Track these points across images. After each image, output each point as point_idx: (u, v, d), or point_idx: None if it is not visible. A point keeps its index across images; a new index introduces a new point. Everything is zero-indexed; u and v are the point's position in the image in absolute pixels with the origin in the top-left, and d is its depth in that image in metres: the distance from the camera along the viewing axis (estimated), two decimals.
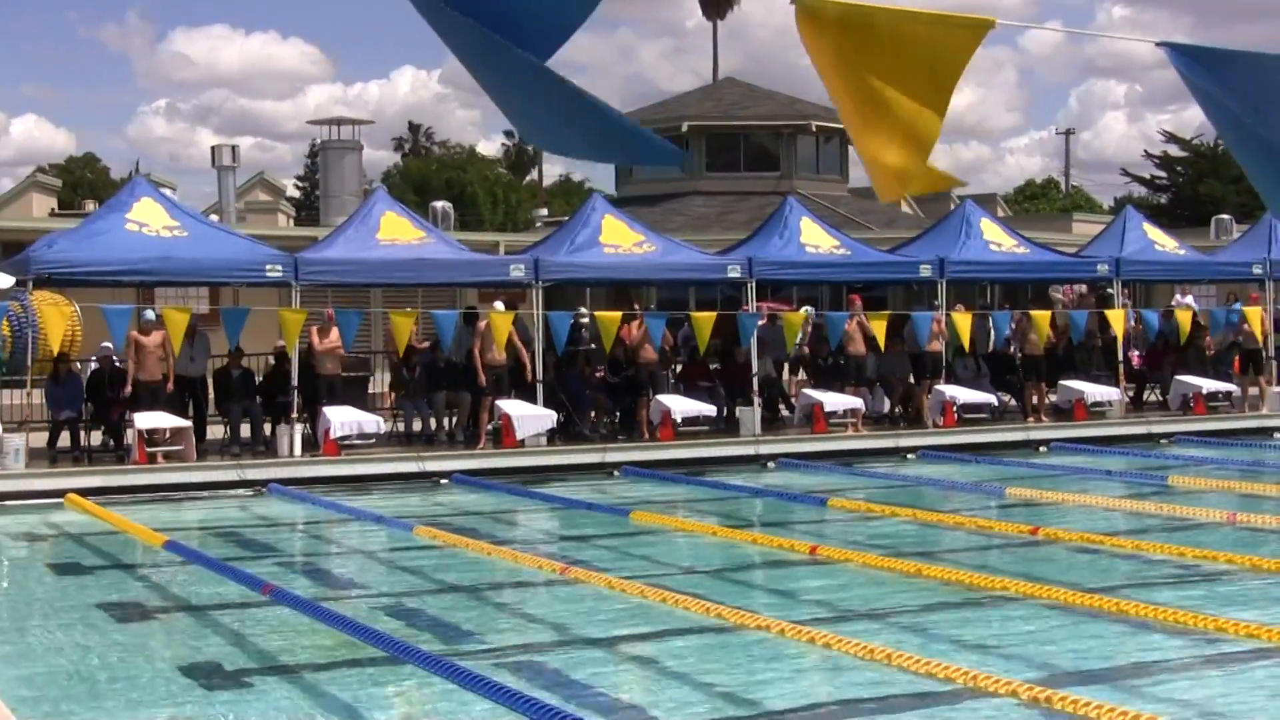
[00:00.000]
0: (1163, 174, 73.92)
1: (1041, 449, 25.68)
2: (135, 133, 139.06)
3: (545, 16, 4.03)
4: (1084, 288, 34.72)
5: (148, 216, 22.89)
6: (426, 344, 24.86)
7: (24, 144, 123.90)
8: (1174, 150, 73.55)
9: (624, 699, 10.02)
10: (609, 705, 9.82)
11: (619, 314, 25.38)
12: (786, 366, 28.87)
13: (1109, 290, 30.17)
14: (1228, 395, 28.97)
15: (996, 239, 28.72)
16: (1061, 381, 27.87)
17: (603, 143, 4.53)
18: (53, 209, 54.22)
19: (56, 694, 10.17)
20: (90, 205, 52.94)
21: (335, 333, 23.60)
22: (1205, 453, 24.81)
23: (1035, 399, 27.47)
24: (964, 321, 26.79)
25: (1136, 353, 30.65)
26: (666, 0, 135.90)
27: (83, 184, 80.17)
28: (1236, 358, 29.93)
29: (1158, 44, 5.29)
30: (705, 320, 25.69)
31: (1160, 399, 29.85)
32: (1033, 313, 28.10)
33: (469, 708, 9.35)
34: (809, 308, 30.00)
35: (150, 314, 22.94)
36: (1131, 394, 29.74)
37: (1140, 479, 21.72)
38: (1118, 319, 28.13)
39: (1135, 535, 16.33)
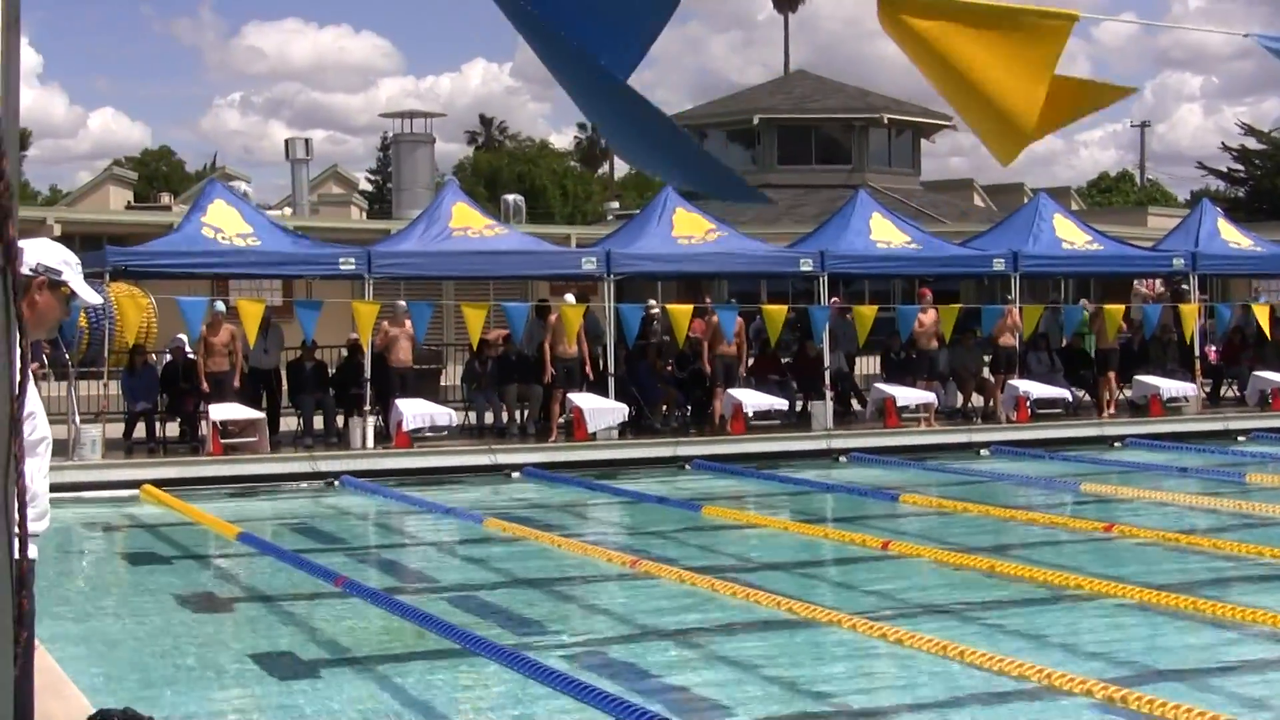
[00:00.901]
0: (1240, 167, 73.08)
1: (1116, 445, 25.47)
2: (209, 126, 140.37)
3: (628, 22, 4.01)
4: (1160, 282, 34.41)
5: (222, 222, 23.03)
6: (502, 340, 24.88)
7: (100, 137, 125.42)
8: (1251, 143, 72.70)
9: (694, 693, 10.00)
10: (679, 699, 9.80)
11: (690, 306, 25.36)
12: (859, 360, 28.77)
13: (1184, 285, 29.87)
14: None
15: (1069, 235, 28.46)
16: (1137, 377, 27.63)
17: (678, 165, 4.50)
18: (129, 201, 54.70)
19: (132, 682, 10.24)
20: (165, 198, 53.47)
21: (409, 323, 23.68)
22: None
23: (1107, 393, 27.25)
24: (1032, 313, 26.61)
25: (1213, 348, 30.36)
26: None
27: (158, 177, 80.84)
28: None
29: (1246, 35, 5.22)
30: (777, 313, 25.60)
31: (1238, 394, 29.52)
32: (1106, 306, 27.85)
33: (539, 701, 9.36)
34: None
35: (220, 305, 23.11)
36: (1208, 390, 29.44)
37: (1217, 475, 21.49)
38: (1190, 313, 27.87)
39: (1211, 533, 16.14)
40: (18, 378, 2.77)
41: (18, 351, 2.77)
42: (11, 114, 2.75)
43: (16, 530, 2.77)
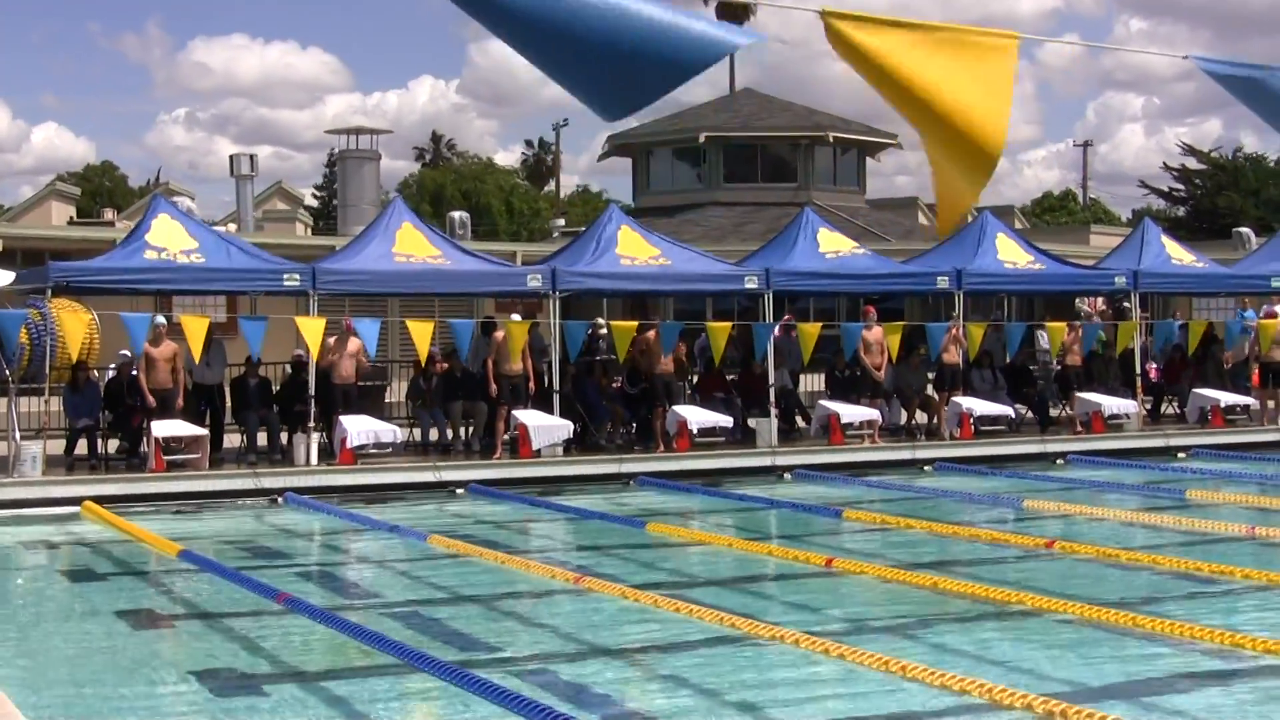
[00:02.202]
0: (1181, 186, 73.80)
1: (1059, 461, 25.64)
2: (154, 141, 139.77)
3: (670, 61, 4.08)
4: (1102, 300, 34.66)
5: (165, 239, 22.83)
6: (444, 365, 24.85)
7: (44, 152, 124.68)
8: (1192, 163, 73.44)
9: (637, 708, 10.01)
10: (622, 714, 9.81)
11: (634, 323, 25.39)
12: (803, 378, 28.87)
13: (1126, 304, 30.11)
14: (1245, 408, 28.89)
15: (1012, 254, 28.65)
16: (1079, 394, 27.83)
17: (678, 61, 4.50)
18: (71, 217, 54.39)
19: (70, 699, 10.17)
20: (109, 213, 53.19)
21: (354, 342, 23.62)
22: (1223, 466, 24.72)
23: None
24: (977, 331, 26.78)
25: (1154, 365, 30.62)
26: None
27: (101, 192, 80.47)
28: (1255, 370, 29.81)
29: (1185, 57, 5.32)
30: (721, 330, 25.69)
31: (1179, 411, 29.78)
32: (1048, 324, 28.09)
33: (485, 717, 9.34)
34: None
35: (161, 319, 22.99)
36: (1149, 407, 29.69)
37: (1158, 492, 21.66)
38: (1127, 331, 28.16)
39: (1153, 549, 16.25)
40: None
41: None
42: None
43: None
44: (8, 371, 22.50)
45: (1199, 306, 39.08)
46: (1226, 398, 28.51)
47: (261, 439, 23.78)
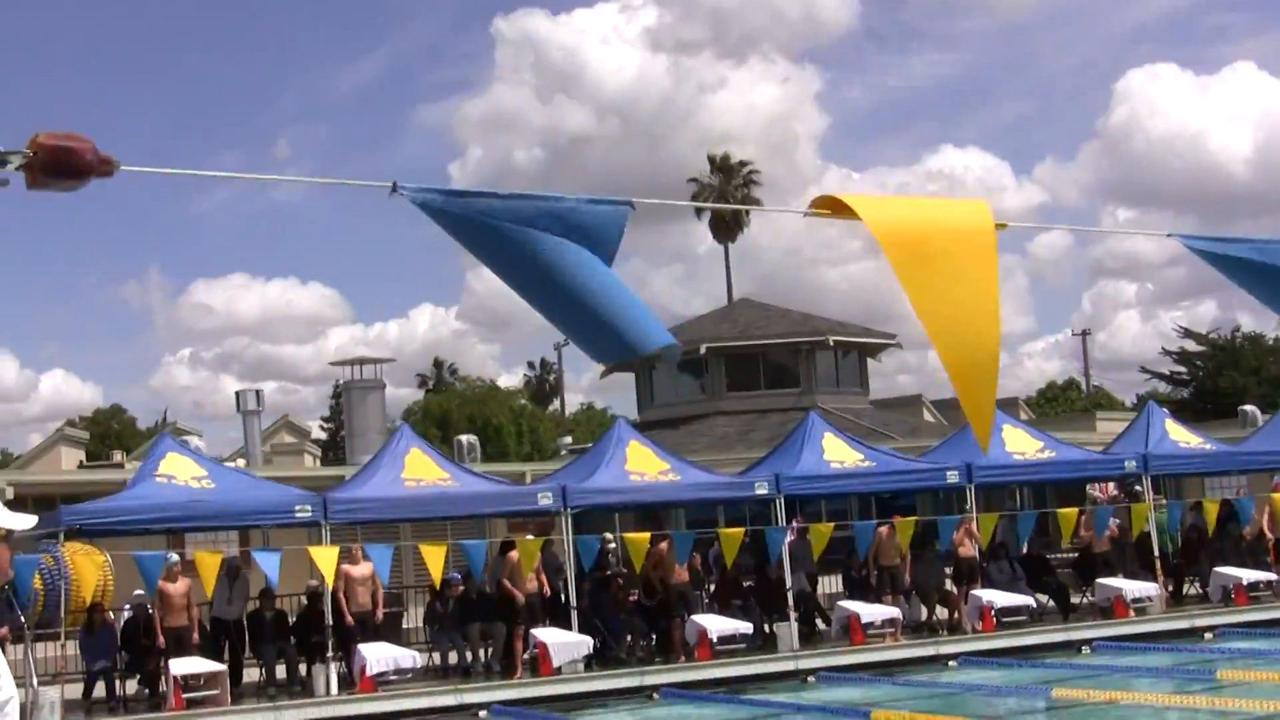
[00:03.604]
0: (1182, 369, 74.09)
1: (1084, 649, 25.39)
2: (160, 383, 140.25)
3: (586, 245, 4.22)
4: (1114, 485, 34.63)
5: (175, 469, 23.00)
6: (460, 588, 24.77)
7: (52, 399, 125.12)
8: (1191, 345, 73.87)
9: None
10: None
11: (646, 535, 25.39)
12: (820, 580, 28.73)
13: (1137, 487, 30.08)
14: (1269, 584, 28.66)
15: (1020, 444, 28.73)
16: (1099, 580, 27.66)
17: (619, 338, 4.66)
18: (81, 461, 54.56)
19: None
20: (118, 455, 53.35)
21: (368, 566, 23.59)
22: (1252, 644, 24.47)
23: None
24: (988, 521, 26.78)
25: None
26: (677, 229, 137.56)
27: (110, 435, 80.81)
28: (1270, 544, 29.64)
29: (1170, 235, 5.48)
30: (734, 537, 25.65)
31: (1201, 591, 29.55)
32: (1059, 511, 28.09)
33: None
34: None
35: (174, 557, 22.97)
36: (1171, 588, 29.48)
37: (1188, 674, 21.44)
38: (1140, 513, 28.11)
39: None
40: None
41: None
42: None
43: None
44: (22, 618, 22.42)
45: (1211, 486, 39.00)
46: (1248, 575, 28.30)
47: (280, 671, 23.58)
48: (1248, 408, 49.36)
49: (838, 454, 27.46)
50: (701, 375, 52.59)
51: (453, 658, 24.60)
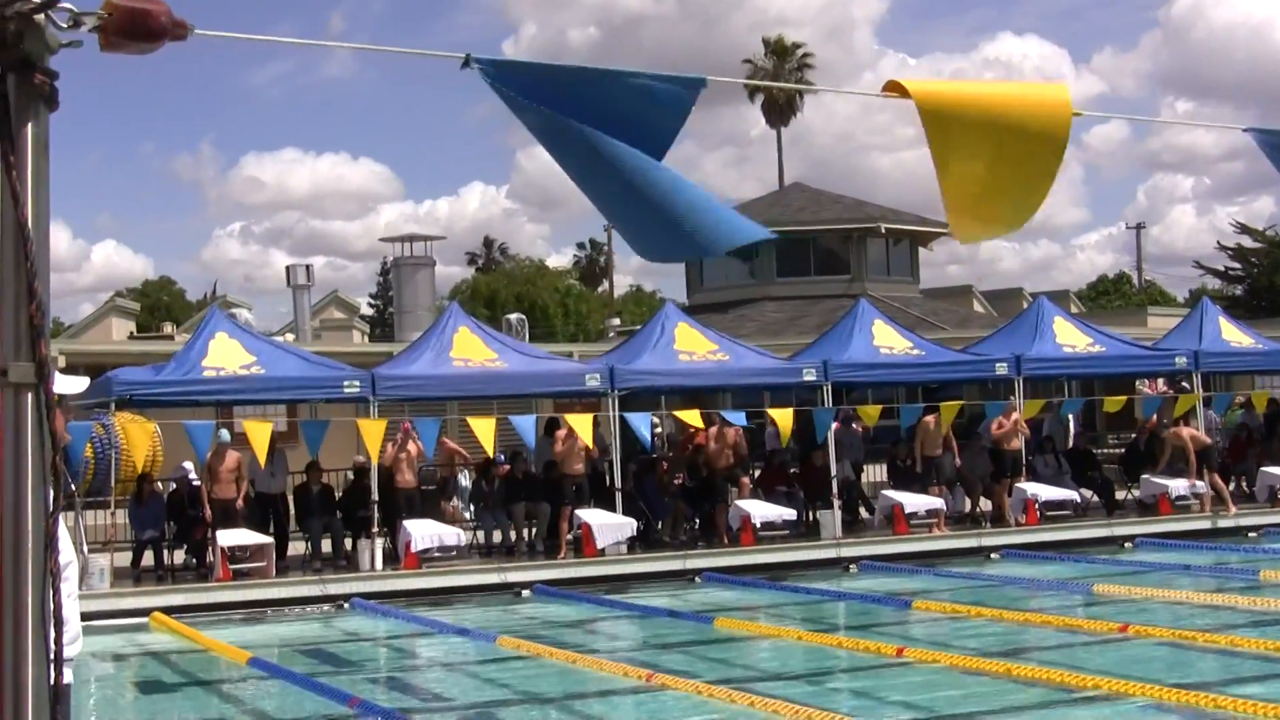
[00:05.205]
0: (1237, 265, 73.45)
1: (1127, 545, 25.38)
2: (210, 256, 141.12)
3: (642, 132, 4.15)
4: (1163, 381, 34.45)
5: (222, 358, 22.93)
6: (506, 467, 24.87)
7: (103, 270, 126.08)
8: (1247, 241, 73.13)
9: None
10: None
11: (697, 411, 25.49)
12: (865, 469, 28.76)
13: (1186, 385, 29.90)
14: None
15: (1070, 338, 28.55)
16: (1144, 476, 27.59)
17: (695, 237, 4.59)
18: (131, 332, 54.89)
19: None
20: (168, 327, 53.65)
21: (414, 446, 23.74)
22: None
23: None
24: (1031, 408, 26.74)
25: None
26: (729, 112, 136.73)
27: (160, 307, 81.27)
28: None
29: (1246, 130, 5.33)
30: (784, 415, 25.61)
31: (1247, 491, 29.45)
32: (1106, 398, 28.02)
33: None
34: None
35: (224, 434, 23.13)
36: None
37: (1230, 573, 21.40)
38: (1187, 403, 28.00)
39: (1228, 630, 16.05)
40: (52, 494, 2.81)
41: (51, 470, 2.81)
42: (43, 236, 2.81)
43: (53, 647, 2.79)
44: (73, 485, 22.66)
45: (1261, 385, 38.74)
46: None
47: (326, 545, 23.81)
48: None
49: (887, 340, 27.36)
50: (751, 260, 52.37)
51: (497, 536, 24.78)
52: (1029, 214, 4.66)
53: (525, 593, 22.25)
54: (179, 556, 23.59)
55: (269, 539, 22.73)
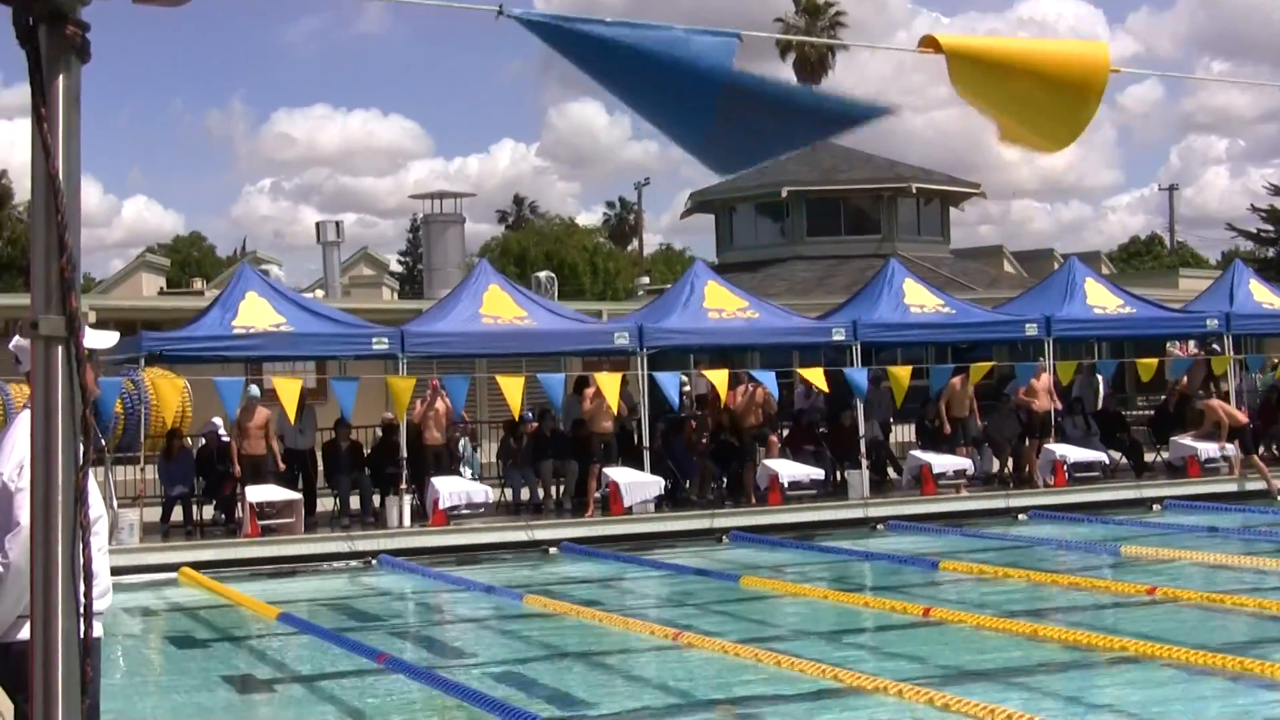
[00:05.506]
0: (1270, 227, 72.96)
1: (1155, 507, 25.33)
2: (240, 212, 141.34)
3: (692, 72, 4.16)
4: (1194, 344, 34.29)
5: (253, 319, 22.93)
6: (534, 425, 24.90)
7: (134, 225, 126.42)
8: None
9: None
10: None
11: (725, 371, 25.48)
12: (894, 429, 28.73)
13: (1216, 347, 29.76)
14: None
15: (1101, 299, 28.44)
16: (1174, 438, 27.51)
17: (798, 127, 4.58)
18: (161, 288, 55.05)
19: None
20: (198, 283, 53.76)
21: (442, 404, 23.80)
22: None
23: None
24: (1066, 369, 26.67)
25: (1246, 408, 30.19)
26: (760, 70, 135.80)
27: (190, 262, 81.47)
28: None
29: None
30: (814, 373, 25.60)
31: (1276, 454, 29.31)
32: (1139, 361, 27.92)
33: None
34: None
35: (254, 390, 23.19)
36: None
37: (1259, 536, 21.34)
38: (1219, 365, 27.88)
39: (1257, 593, 16.01)
40: (82, 448, 2.82)
41: (82, 424, 2.82)
42: (73, 190, 2.80)
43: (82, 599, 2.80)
44: (102, 440, 22.79)
45: None
46: None
47: (354, 502, 23.89)
48: None
49: (918, 298, 27.29)
50: (782, 219, 52.25)
51: (524, 494, 24.84)
52: (1072, 133, 4.63)
53: (552, 550, 22.31)
54: (208, 512, 23.70)
55: (297, 495, 22.81)
